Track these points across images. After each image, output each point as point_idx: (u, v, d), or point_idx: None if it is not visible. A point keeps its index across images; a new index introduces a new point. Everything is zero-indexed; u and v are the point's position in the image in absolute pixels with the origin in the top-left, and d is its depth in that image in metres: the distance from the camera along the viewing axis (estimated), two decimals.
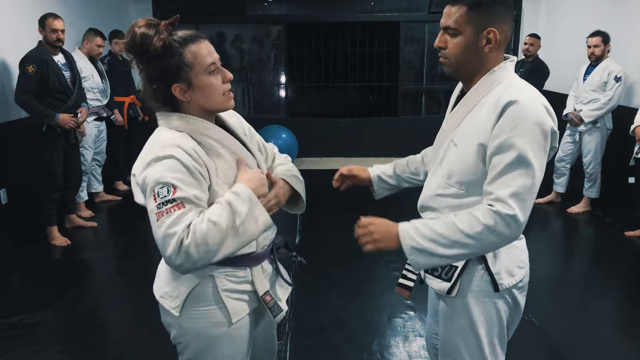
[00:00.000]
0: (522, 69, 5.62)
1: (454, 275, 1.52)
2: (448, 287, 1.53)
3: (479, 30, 1.42)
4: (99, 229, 4.70)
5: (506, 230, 1.36)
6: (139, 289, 3.57)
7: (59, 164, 4.21)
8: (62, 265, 4.00)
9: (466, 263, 1.52)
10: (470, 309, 1.53)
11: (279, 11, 7.66)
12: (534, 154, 1.35)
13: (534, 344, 2.87)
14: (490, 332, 1.54)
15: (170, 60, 1.35)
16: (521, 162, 1.35)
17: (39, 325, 3.04)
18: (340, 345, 2.83)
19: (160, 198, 1.29)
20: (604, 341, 2.93)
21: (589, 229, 4.86)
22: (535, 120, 1.35)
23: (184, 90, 1.39)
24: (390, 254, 4.10)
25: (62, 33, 4.15)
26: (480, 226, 1.36)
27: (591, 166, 4.87)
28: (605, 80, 4.68)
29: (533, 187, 1.37)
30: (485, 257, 1.51)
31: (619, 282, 3.77)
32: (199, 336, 1.47)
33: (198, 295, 1.45)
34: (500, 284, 1.51)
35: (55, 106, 4.12)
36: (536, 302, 3.37)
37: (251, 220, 1.35)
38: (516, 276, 1.54)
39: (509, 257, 1.53)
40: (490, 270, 1.51)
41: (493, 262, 1.51)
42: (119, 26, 5.89)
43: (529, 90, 1.42)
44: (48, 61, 4.06)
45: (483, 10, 1.41)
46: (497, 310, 1.54)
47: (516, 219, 1.36)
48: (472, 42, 1.43)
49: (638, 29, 4.81)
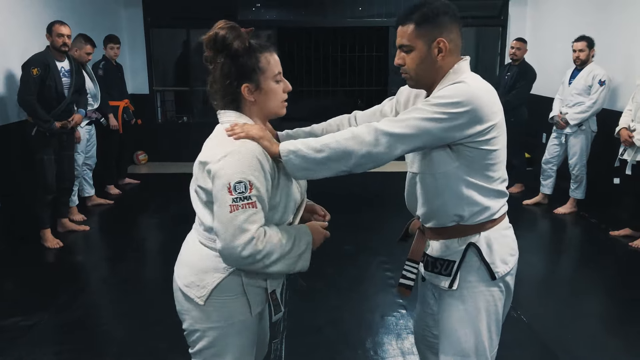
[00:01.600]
0: (509, 72, 5.73)
1: (453, 270, 1.63)
2: (449, 282, 1.64)
3: (429, 43, 1.54)
4: (91, 232, 4.71)
5: (367, 137, 1.46)
6: (133, 291, 3.62)
7: (51, 166, 4.24)
8: (56, 268, 4.01)
9: (463, 257, 1.62)
10: (469, 299, 1.63)
11: (269, 16, 7.72)
12: (434, 120, 1.45)
13: (523, 340, 2.94)
14: (488, 320, 1.65)
15: (247, 60, 1.51)
16: (419, 118, 1.46)
17: (35, 327, 3.06)
18: (335, 343, 2.88)
19: (237, 193, 1.41)
20: (591, 337, 3.02)
21: (575, 229, 4.97)
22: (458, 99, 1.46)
23: (251, 91, 1.53)
24: (383, 254, 4.14)
25: (67, 38, 4.29)
26: (349, 132, 1.48)
27: (577, 168, 4.98)
28: (590, 84, 4.80)
29: (413, 137, 1.47)
30: (480, 250, 1.61)
31: (604, 280, 3.87)
32: (219, 324, 1.57)
33: (224, 287, 1.54)
34: (496, 273, 1.62)
35: (46, 111, 4.14)
36: (525, 299, 3.46)
37: (298, 262, 1.54)
38: (509, 264, 1.66)
39: (501, 247, 1.64)
40: (485, 261, 1.61)
41: (488, 253, 1.62)
42: (110, 31, 5.92)
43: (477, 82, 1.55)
44: (50, 66, 4.16)
45: (429, 24, 1.53)
46: (494, 298, 1.65)
47: (383, 132, 1.46)
48: (426, 54, 1.55)
49: (621, 34, 4.94)
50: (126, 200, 5.71)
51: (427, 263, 1.72)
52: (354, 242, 4.29)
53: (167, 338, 2.92)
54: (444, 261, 1.65)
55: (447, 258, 1.66)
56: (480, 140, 1.51)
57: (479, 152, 1.53)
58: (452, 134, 1.48)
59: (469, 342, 1.64)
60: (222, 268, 1.53)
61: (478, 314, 1.64)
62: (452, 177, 1.56)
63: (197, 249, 1.59)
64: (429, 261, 1.71)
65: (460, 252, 1.63)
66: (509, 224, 1.72)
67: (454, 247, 1.65)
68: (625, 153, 4.25)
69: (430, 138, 1.48)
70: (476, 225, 1.62)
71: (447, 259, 1.65)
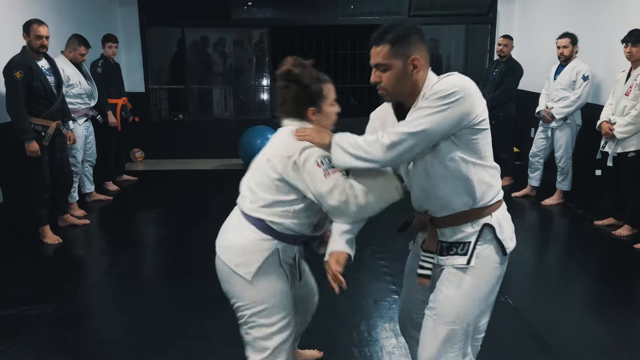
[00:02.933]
0: (497, 69, 5.89)
1: (469, 249, 1.79)
2: (467, 259, 1.79)
3: (404, 60, 1.69)
4: (91, 227, 4.82)
5: (386, 140, 1.68)
6: (134, 283, 3.73)
7: (45, 166, 4.26)
8: (58, 261, 4.12)
9: (478, 237, 1.78)
10: (482, 275, 1.81)
11: (262, 14, 7.83)
12: (441, 112, 1.62)
13: (512, 324, 3.09)
14: (493, 294, 1.87)
15: (314, 88, 1.94)
16: (427, 115, 1.64)
17: (39, 317, 3.16)
18: (332, 326, 3.02)
19: (324, 165, 1.85)
20: (577, 321, 3.16)
21: (562, 219, 5.14)
22: (453, 89, 1.62)
23: (314, 113, 1.96)
24: (375, 244, 4.27)
25: (46, 39, 4.16)
26: (374, 137, 1.72)
27: (563, 160, 5.14)
28: (574, 79, 4.95)
29: (427, 133, 1.63)
30: (495, 229, 1.78)
31: (590, 267, 4.04)
32: (266, 293, 1.96)
33: (267, 263, 1.94)
34: (507, 249, 1.81)
35: (39, 111, 4.16)
36: (514, 286, 3.62)
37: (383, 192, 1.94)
38: (514, 240, 1.87)
39: (509, 227, 1.85)
40: (499, 239, 1.79)
41: (500, 232, 1.79)
42: (105, 30, 6.01)
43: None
44: (32, 67, 4.07)
45: (403, 44, 1.68)
46: (500, 273, 1.86)
47: (400, 132, 1.66)
48: (402, 71, 1.70)
49: (604, 31, 5.11)
50: (124, 196, 5.82)
51: (442, 249, 1.84)
52: None
53: (169, 326, 3.05)
54: (459, 243, 1.80)
55: (463, 240, 1.80)
56: (477, 122, 1.66)
57: (477, 134, 1.69)
58: (458, 121, 1.63)
59: (466, 311, 1.81)
60: (265, 249, 1.93)
61: (483, 288, 1.82)
62: (460, 161, 1.70)
63: (244, 235, 1.95)
64: (444, 247, 1.83)
65: (476, 233, 1.78)
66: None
67: (468, 231, 1.79)
68: (606, 145, 4.41)
69: (442, 130, 1.63)
70: (487, 207, 1.78)
71: (463, 241, 1.80)
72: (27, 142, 4.07)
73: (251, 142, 6.72)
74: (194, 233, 4.64)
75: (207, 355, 2.76)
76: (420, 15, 7.33)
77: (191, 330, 3.00)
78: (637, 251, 4.05)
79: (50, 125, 4.24)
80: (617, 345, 2.89)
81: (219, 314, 3.16)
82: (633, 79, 4.21)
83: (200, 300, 3.32)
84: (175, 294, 3.47)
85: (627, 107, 4.23)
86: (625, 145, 4.25)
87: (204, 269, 3.86)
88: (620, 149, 4.28)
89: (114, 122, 5.57)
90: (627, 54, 4.23)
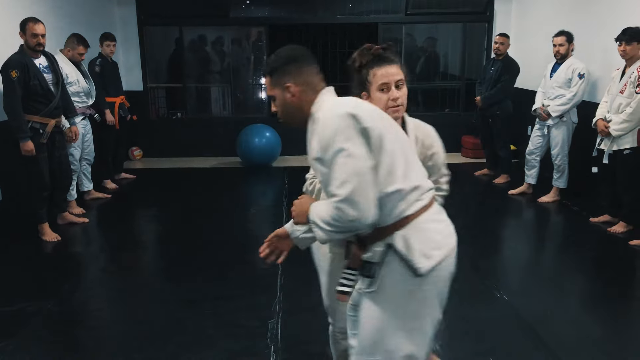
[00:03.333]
0: (493, 67, 5.92)
1: (374, 272, 1.67)
2: (369, 282, 1.68)
3: (282, 90, 1.76)
4: (90, 225, 4.84)
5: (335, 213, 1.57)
6: (130, 281, 3.76)
7: (44, 164, 4.28)
8: (57, 259, 4.14)
9: (383, 259, 1.65)
10: (385, 300, 1.67)
11: (260, 13, 7.85)
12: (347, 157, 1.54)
13: (506, 319, 3.11)
14: (411, 319, 1.68)
15: (360, 75, 1.98)
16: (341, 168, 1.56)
17: (38, 314, 3.18)
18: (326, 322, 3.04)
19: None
20: (571, 316, 3.19)
21: (558, 216, 5.17)
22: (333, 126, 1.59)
23: (366, 97, 1.98)
24: None
25: (42, 37, 4.17)
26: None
27: (559, 158, 5.17)
28: (570, 77, 4.98)
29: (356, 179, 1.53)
30: (397, 249, 1.63)
31: (584, 263, 4.07)
32: None
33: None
34: (418, 269, 1.61)
35: (37, 109, 4.18)
36: (509, 282, 3.65)
37: None
38: (435, 257, 1.64)
39: (421, 242, 1.64)
40: (405, 259, 1.62)
41: (406, 250, 1.62)
42: (104, 28, 6.02)
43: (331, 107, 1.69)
44: (29, 65, 4.10)
45: (278, 74, 1.76)
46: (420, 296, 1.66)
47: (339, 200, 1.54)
48: (282, 99, 1.78)
49: (599, 29, 5.12)
50: (123, 194, 5.84)
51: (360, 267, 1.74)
52: None
53: (166, 323, 3.07)
54: (367, 263, 1.68)
55: (371, 260, 1.68)
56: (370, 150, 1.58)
57: (378, 158, 1.59)
58: (364, 153, 1.56)
59: (376, 340, 1.69)
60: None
61: (401, 312, 1.66)
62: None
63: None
64: (361, 265, 1.74)
65: (381, 253, 1.65)
66: (436, 215, 1.72)
67: (375, 250, 1.67)
68: (602, 143, 4.44)
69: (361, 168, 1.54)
70: (389, 226, 1.64)
71: (371, 262, 1.68)
72: (22, 142, 4.09)
73: (249, 141, 6.74)
74: (192, 231, 4.67)
75: (205, 351, 2.78)
76: (417, 14, 7.36)
77: (189, 326, 3.02)
78: (632, 247, 4.08)
79: (49, 122, 4.26)
80: (610, 340, 2.92)
81: (216, 310, 3.19)
82: (628, 77, 4.23)
83: (198, 298, 3.35)
84: (174, 291, 3.49)
85: (622, 105, 4.25)
86: (620, 142, 4.27)
87: (202, 266, 3.94)
88: (616, 147, 4.30)
89: (112, 121, 5.59)
90: (621, 52, 4.25)
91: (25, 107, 4.11)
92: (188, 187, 6.23)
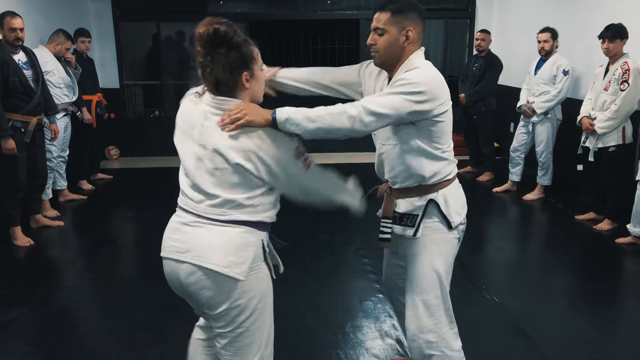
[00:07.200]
0: (476, 64, 5.89)
1: (416, 221, 1.99)
2: (413, 231, 1.99)
3: (400, 30, 1.88)
4: (65, 228, 4.66)
5: (354, 113, 1.74)
6: (109, 286, 3.62)
7: (23, 164, 4.14)
8: (32, 264, 3.97)
9: (424, 211, 1.97)
10: (429, 245, 1.99)
11: (240, 9, 7.70)
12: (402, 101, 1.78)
13: (495, 319, 3.07)
14: (445, 262, 2.02)
15: (246, 50, 1.66)
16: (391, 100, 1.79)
17: (13, 321, 3.04)
18: (315, 327, 2.95)
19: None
20: (559, 314, 3.16)
21: (543, 214, 5.16)
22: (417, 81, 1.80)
23: (247, 78, 1.68)
24: (358, 241, 4.22)
25: (20, 32, 4.09)
26: (340, 108, 1.75)
27: (544, 155, 5.16)
28: (555, 73, 4.97)
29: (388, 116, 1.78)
30: (439, 204, 1.97)
31: (570, 261, 4.05)
32: (259, 289, 1.74)
33: (256, 257, 1.72)
34: (452, 222, 1.99)
35: (18, 107, 4.05)
36: (496, 281, 3.61)
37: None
38: (462, 215, 2.04)
39: (456, 202, 2.02)
40: (443, 213, 1.97)
41: (445, 207, 1.98)
42: (78, 24, 5.83)
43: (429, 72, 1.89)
44: (8, 61, 3.99)
45: (402, 15, 1.88)
46: (450, 244, 2.03)
47: (367, 111, 1.75)
48: (395, 39, 1.89)
49: (583, 26, 5.12)
50: (99, 195, 5.66)
51: (394, 218, 2.04)
52: (330, 231, 4.37)
53: (147, 329, 2.95)
54: (409, 215, 2.00)
55: (412, 213, 1.99)
56: (437, 114, 1.85)
57: (436, 125, 1.89)
58: (418, 116, 1.83)
59: (428, 280, 1.99)
60: (254, 241, 1.72)
61: (436, 257, 2.00)
62: (415, 146, 1.92)
63: (227, 232, 1.70)
64: (396, 217, 2.04)
65: (422, 207, 1.98)
66: (459, 184, 2.08)
67: (416, 204, 1.99)
68: (587, 140, 4.42)
69: (400, 116, 1.80)
70: (434, 184, 1.97)
71: (412, 214, 1.99)
72: (2, 140, 3.94)
73: None
74: None
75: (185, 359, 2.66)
76: None
77: (168, 332, 2.90)
78: (618, 245, 4.07)
79: (31, 120, 4.13)
80: (598, 337, 2.90)
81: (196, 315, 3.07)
82: (611, 74, 4.22)
83: (178, 302, 3.20)
84: (153, 295, 3.35)
85: (606, 102, 4.24)
86: (605, 140, 4.26)
87: None
88: (601, 144, 4.29)
89: (89, 119, 5.41)
90: (605, 49, 4.24)
91: (4, 104, 3.97)
92: (167, 187, 6.00)
